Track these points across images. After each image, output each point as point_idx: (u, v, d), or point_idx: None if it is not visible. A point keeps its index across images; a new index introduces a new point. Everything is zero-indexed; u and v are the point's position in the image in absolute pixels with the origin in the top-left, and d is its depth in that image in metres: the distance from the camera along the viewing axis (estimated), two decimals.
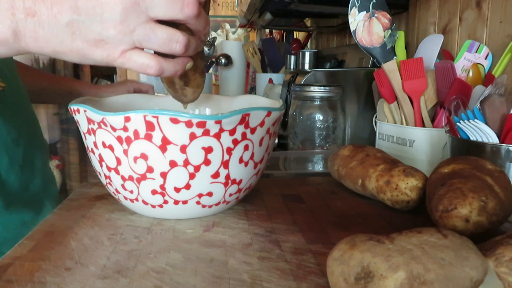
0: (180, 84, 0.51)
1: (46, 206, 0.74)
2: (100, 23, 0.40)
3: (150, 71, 0.43)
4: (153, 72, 0.43)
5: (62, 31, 0.40)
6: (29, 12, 0.39)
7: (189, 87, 0.52)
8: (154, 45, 0.42)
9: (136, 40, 0.41)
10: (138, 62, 0.42)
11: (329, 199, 0.61)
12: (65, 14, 0.39)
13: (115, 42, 0.41)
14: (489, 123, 0.55)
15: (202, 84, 0.53)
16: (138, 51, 0.42)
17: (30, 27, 0.40)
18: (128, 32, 0.40)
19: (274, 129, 0.54)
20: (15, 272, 0.40)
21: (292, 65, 1.71)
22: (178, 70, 0.45)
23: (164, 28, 0.41)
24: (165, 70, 0.43)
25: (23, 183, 0.69)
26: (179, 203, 0.50)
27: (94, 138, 0.50)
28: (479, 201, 0.43)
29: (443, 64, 0.71)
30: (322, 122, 0.96)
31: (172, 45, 0.42)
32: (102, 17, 0.39)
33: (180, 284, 0.38)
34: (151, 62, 0.42)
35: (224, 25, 3.52)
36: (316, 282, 0.38)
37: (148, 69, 0.43)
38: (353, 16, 0.74)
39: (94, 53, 0.41)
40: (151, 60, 0.42)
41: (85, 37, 0.40)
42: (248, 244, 0.46)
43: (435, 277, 0.29)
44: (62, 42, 0.41)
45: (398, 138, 0.76)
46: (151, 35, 0.41)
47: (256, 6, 1.57)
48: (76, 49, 0.41)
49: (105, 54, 0.41)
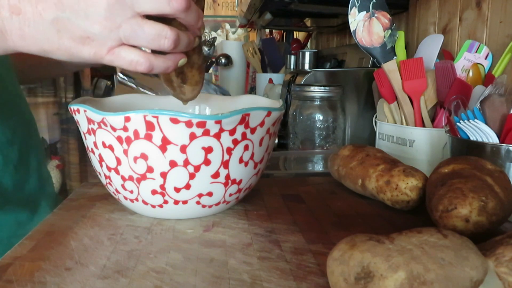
0: (178, 81, 0.50)
1: (42, 206, 0.74)
2: (85, 19, 0.39)
3: (139, 68, 0.42)
4: (143, 69, 0.42)
5: (48, 29, 0.40)
6: (14, 10, 0.39)
7: (187, 85, 0.51)
8: (141, 41, 0.41)
9: (122, 36, 0.40)
10: (127, 59, 0.41)
11: (329, 199, 0.61)
12: (49, 11, 0.39)
13: (101, 39, 0.40)
14: (489, 123, 0.55)
15: (200, 81, 0.52)
16: (127, 48, 0.41)
17: (16, 25, 0.40)
18: (114, 28, 0.40)
19: (274, 129, 0.54)
20: (15, 272, 0.40)
21: (292, 65, 1.71)
22: (169, 66, 0.44)
23: (151, 24, 0.40)
24: (155, 67, 0.43)
25: (18, 183, 0.69)
26: (179, 203, 0.50)
27: (94, 138, 0.50)
28: (479, 201, 0.43)
29: (443, 64, 0.71)
30: (322, 122, 0.96)
31: (161, 41, 0.41)
32: (87, 13, 0.39)
33: (180, 284, 0.38)
34: (140, 58, 0.41)
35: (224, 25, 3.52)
36: (316, 282, 0.38)
37: (138, 66, 0.42)
38: (353, 16, 0.74)
39: (81, 51, 0.41)
40: (140, 56, 0.41)
41: (71, 34, 0.40)
42: (248, 244, 0.46)
43: (435, 277, 0.29)
44: (48, 39, 0.40)
45: (398, 138, 0.76)
46: (138, 31, 0.40)
47: (256, 6, 1.57)
48: (63, 47, 0.41)
49: (92, 51, 0.41)
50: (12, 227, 0.66)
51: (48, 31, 0.40)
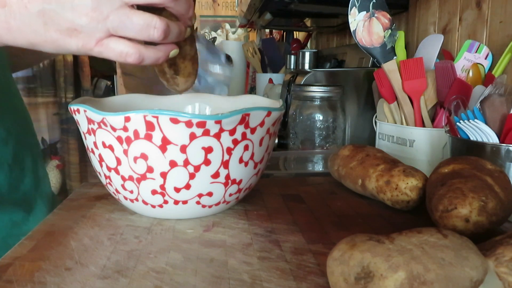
0: (171, 73, 0.50)
1: (38, 206, 0.74)
2: (72, 11, 0.39)
3: (129, 59, 0.41)
4: (133, 60, 0.41)
5: (34, 21, 0.39)
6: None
7: (180, 76, 0.50)
8: (130, 32, 0.40)
9: (110, 27, 0.40)
10: (116, 50, 0.41)
11: (329, 199, 0.61)
12: (35, 3, 0.39)
13: (89, 31, 0.39)
14: (489, 123, 0.55)
15: (194, 72, 0.51)
16: (116, 39, 0.41)
17: (2, 18, 0.39)
18: (102, 19, 0.39)
19: (274, 129, 0.54)
20: (15, 272, 0.40)
21: (292, 65, 1.71)
22: (160, 57, 0.43)
23: (140, 14, 0.40)
24: (146, 58, 0.42)
25: (13, 183, 0.69)
26: (179, 203, 0.50)
27: (94, 138, 0.50)
28: (479, 201, 0.43)
29: (443, 64, 0.71)
30: (322, 122, 0.96)
31: (150, 31, 0.40)
32: (73, 4, 0.38)
33: (180, 284, 0.38)
34: (130, 49, 0.41)
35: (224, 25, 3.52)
36: (316, 282, 0.38)
37: (127, 57, 0.41)
38: (353, 16, 0.74)
39: (69, 43, 0.40)
40: (130, 47, 0.41)
41: (58, 27, 0.39)
42: (248, 244, 0.46)
43: (435, 277, 0.29)
44: (35, 32, 0.40)
45: (398, 138, 0.76)
46: (126, 21, 0.39)
47: (256, 6, 1.57)
48: (50, 39, 0.40)
49: (80, 43, 0.40)
50: (7, 227, 0.66)
51: (35, 24, 0.39)
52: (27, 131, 0.76)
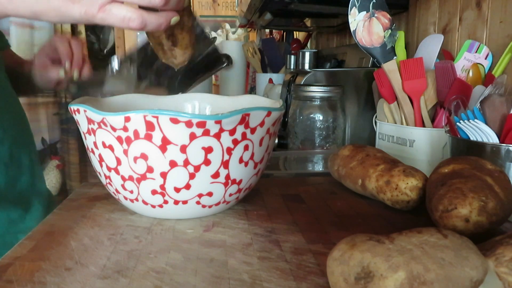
0: (168, 44, 0.50)
1: (34, 204, 0.74)
2: None
3: (132, 24, 0.42)
4: (136, 26, 0.42)
5: None
6: None
7: (178, 48, 0.50)
8: None
9: None
10: (119, 16, 0.41)
11: (329, 199, 0.61)
12: None
13: None
14: (489, 123, 0.55)
15: (191, 44, 0.51)
16: (118, 4, 0.41)
17: None
18: None
19: (274, 129, 0.54)
20: (15, 272, 0.40)
21: (292, 65, 1.71)
22: (162, 23, 0.43)
23: None
24: (148, 24, 0.42)
25: (9, 181, 0.69)
26: (179, 203, 0.50)
27: (94, 138, 0.50)
28: (479, 201, 0.43)
29: (443, 64, 0.71)
30: (322, 122, 0.96)
31: None
32: None
33: (180, 284, 0.38)
34: (132, 14, 0.41)
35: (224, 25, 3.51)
36: (316, 282, 0.38)
37: (130, 22, 0.41)
38: (353, 16, 0.74)
39: (72, 10, 0.40)
40: (132, 12, 0.41)
41: None
42: (248, 244, 0.46)
43: (435, 277, 0.29)
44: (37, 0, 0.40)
45: (398, 138, 0.76)
46: None
47: (256, 6, 1.57)
48: (53, 7, 0.40)
49: (83, 10, 0.40)
50: (5, 224, 0.66)
51: None
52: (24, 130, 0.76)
